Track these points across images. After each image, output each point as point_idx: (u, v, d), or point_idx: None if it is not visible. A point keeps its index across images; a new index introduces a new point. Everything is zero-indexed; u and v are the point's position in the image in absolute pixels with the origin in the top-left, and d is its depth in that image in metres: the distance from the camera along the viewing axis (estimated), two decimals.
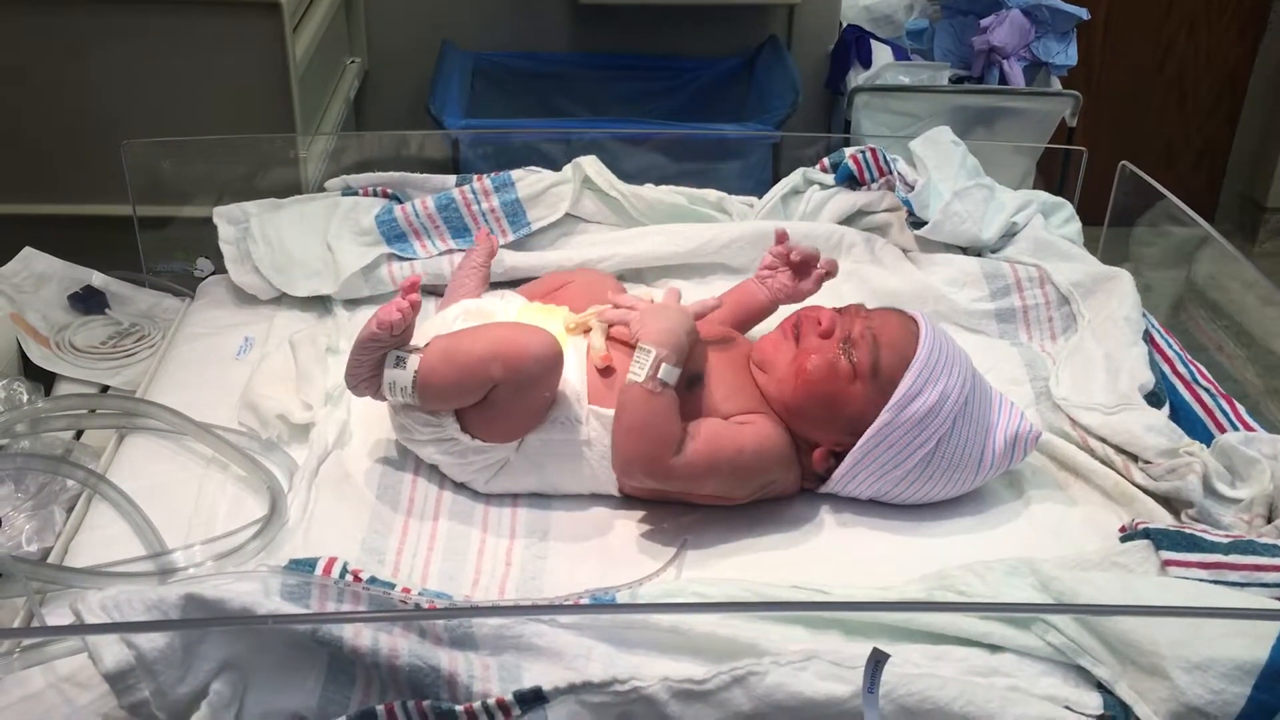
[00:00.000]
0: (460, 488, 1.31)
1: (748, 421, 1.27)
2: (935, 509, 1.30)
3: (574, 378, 1.28)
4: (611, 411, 1.25)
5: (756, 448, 1.25)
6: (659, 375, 1.21)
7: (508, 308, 1.37)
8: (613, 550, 1.23)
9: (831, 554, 1.24)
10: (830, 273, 1.45)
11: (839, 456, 1.27)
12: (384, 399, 1.27)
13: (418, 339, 1.27)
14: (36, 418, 1.36)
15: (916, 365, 1.24)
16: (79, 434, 1.40)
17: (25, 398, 1.41)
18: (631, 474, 1.25)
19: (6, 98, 1.98)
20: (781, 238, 1.46)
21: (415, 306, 1.23)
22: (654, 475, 1.23)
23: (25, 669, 1.01)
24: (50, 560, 1.19)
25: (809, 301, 1.43)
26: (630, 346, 1.27)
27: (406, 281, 1.25)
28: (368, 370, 1.25)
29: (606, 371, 1.29)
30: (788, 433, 1.28)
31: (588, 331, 1.33)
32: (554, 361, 1.23)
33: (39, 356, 1.53)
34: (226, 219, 1.69)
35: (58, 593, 1.13)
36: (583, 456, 1.27)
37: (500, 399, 1.22)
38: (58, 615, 1.10)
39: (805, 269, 1.44)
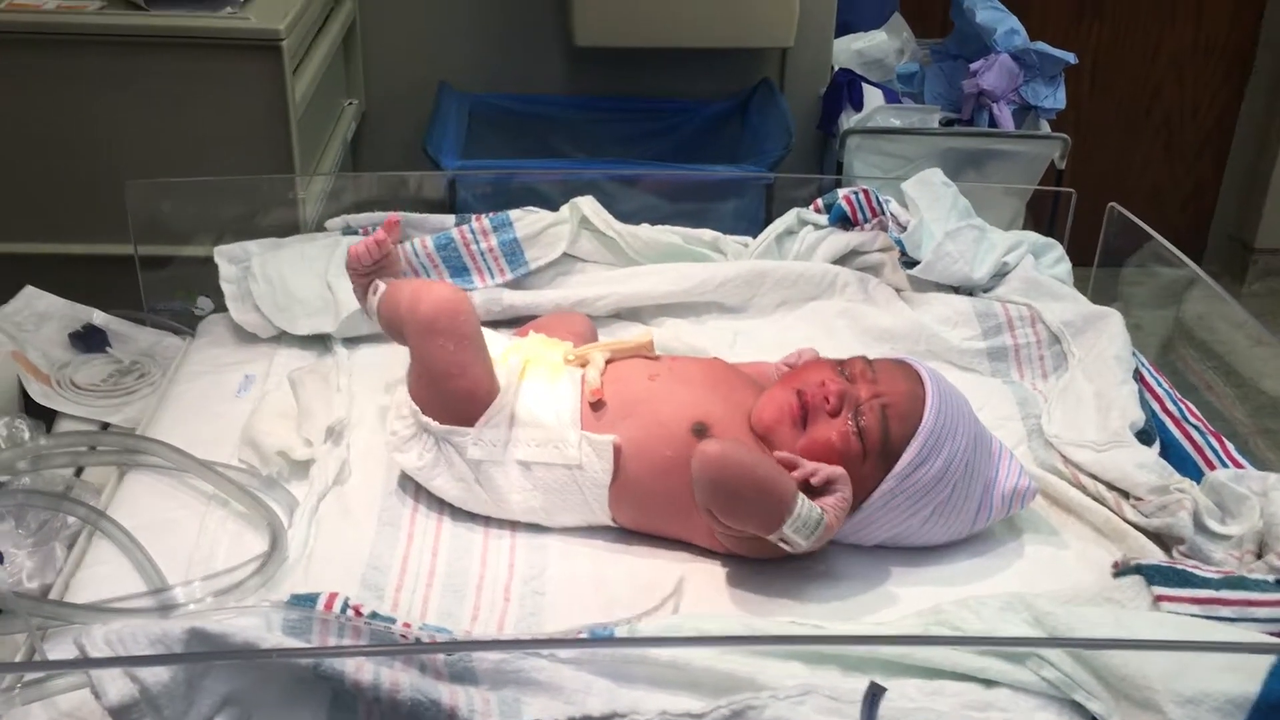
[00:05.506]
0: (458, 522, 1.32)
1: None
2: (930, 547, 1.31)
3: (568, 404, 1.31)
4: (601, 437, 1.28)
5: None
6: (789, 538, 1.18)
7: (499, 337, 1.42)
8: (611, 586, 1.24)
9: (829, 589, 1.25)
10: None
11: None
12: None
13: None
14: (37, 455, 1.36)
15: (922, 435, 1.24)
16: (79, 471, 1.40)
17: (26, 435, 1.41)
18: (697, 483, 1.20)
19: (8, 138, 2.00)
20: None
21: (381, 244, 1.42)
22: (705, 506, 1.21)
23: (26, 704, 1.01)
24: (51, 597, 1.20)
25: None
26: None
27: (388, 219, 1.44)
28: (362, 295, 1.46)
29: (598, 405, 1.31)
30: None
31: (585, 365, 1.36)
32: (446, 303, 1.30)
33: (40, 394, 1.54)
34: (228, 258, 1.70)
35: (59, 629, 1.13)
36: (574, 481, 1.28)
37: (410, 346, 1.33)
38: (59, 651, 1.10)
39: None
